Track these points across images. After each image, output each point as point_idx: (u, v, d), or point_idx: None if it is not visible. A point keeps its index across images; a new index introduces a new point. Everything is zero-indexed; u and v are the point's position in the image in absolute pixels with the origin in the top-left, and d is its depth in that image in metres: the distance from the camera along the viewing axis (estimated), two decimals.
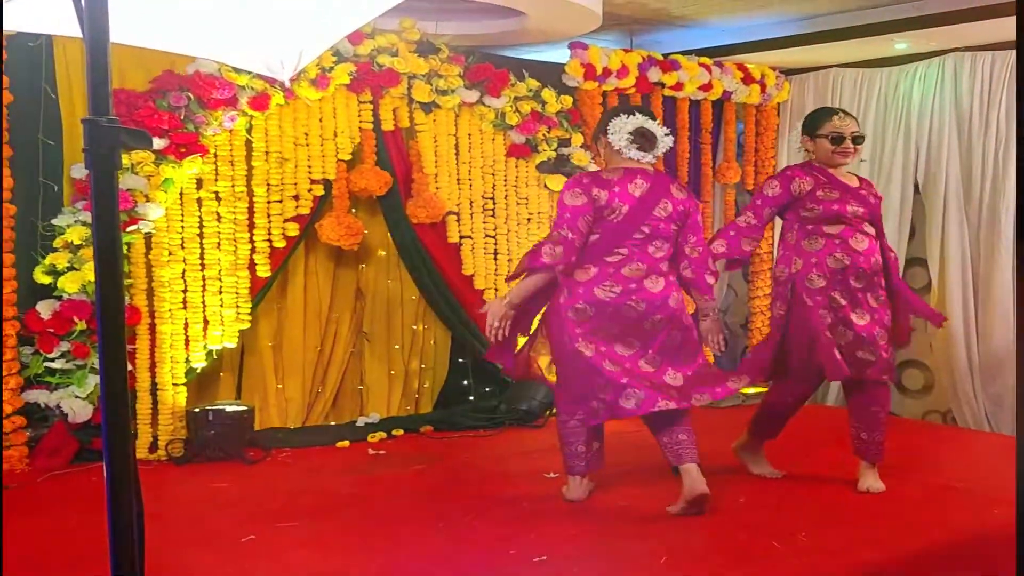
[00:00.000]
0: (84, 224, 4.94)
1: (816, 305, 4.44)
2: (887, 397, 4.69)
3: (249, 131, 5.49)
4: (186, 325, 5.38)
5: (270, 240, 5.60)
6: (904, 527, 4.08)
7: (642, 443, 5.62)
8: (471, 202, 6.28)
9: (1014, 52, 6.23)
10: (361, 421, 6.07)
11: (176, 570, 3.52)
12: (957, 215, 6.51)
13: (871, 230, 4.56)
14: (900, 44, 6.53)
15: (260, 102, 5.40)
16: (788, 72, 7.42)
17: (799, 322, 4.50)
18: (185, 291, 5.37)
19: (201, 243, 5.41)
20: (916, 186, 6.74)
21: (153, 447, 5.27)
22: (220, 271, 5.47)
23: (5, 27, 1.90)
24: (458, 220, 6.24)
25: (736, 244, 4.58)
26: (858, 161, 4.81)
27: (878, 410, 4.60)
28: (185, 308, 5.37)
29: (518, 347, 4.48)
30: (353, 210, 5.96)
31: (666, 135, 4.32)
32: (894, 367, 4.66)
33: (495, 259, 6.39)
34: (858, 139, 4.57)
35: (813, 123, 4.61)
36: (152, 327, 5.29)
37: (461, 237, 6.27)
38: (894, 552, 3.81)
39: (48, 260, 4.97)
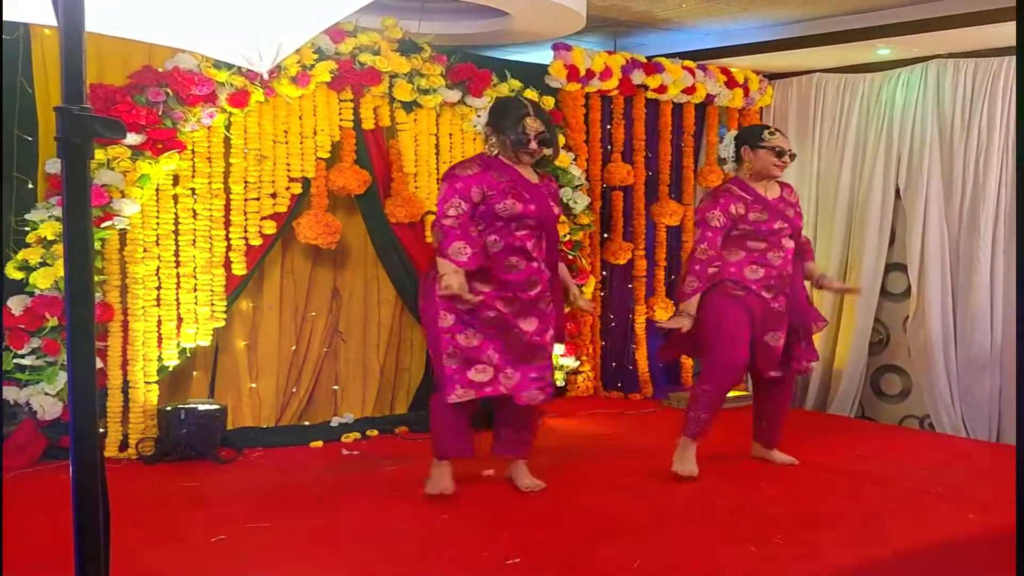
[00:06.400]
0: (58, 219, 4.88)
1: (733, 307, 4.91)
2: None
3: (228, 128, 5.44)
4: (159, 323, 5.33)
5: (246, 238, 5.55)
6: (879, 532, 4.08)
7: (617, 448, 5.62)
8: None
9: (996, 59, 6.24)
10: (335, 421, 6.00)
11: (143, 570, 3.47)
12: (937, 221, 6.51)
13: (790, 244, 4.99)
14: (883, 50, 6.53)
15: (239, 99, 5.34)
16: (771, 76, 7.42)
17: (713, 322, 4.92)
18: (159, 288, 5.32)
19: (176, 240, 5.36)
20: (897, 191, 6.74)
21: (123, 445, 5.21)
22: (195, 268, 5.42)
23: None
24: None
25: (705, 274, 4.86)
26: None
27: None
28: (159, 305, 5.32)
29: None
30: (331, 209, 5.91)
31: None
32: (788, 362, 5.08)
33: None
34: (792, 155, 5.03)
35: (756, 135, 5.01)
36: (125, 324, 5.23)
37: None
38: (869, 556, 3.81)
39: (20, 255, 4.90)
